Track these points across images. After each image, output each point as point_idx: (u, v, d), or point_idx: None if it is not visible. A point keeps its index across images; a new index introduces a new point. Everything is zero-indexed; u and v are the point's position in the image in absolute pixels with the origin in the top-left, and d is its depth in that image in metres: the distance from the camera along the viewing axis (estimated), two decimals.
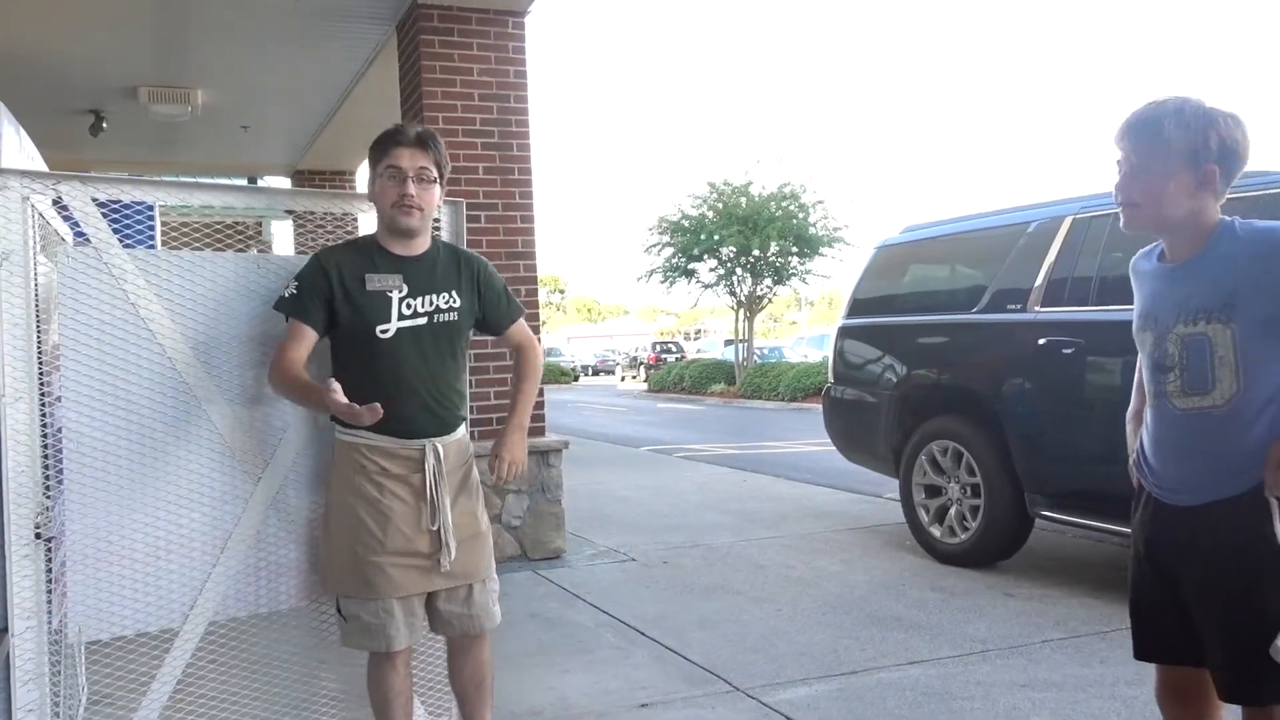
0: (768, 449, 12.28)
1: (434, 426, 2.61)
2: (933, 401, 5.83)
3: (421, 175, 2.59)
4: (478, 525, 2.70)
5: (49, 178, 2.54)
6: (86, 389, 2.54)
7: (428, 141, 2.61)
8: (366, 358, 2.57)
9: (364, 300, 2.55)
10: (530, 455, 5.80)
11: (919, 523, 5.80)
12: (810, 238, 22.80)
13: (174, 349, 2.63)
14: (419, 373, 2.58)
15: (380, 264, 2.61)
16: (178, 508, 2.64)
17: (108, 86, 7.59)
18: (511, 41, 5.96)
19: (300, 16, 6.15)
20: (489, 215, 5.84)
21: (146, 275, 2.61)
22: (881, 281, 6.60)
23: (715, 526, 6.82)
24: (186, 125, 8.46)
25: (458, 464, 2.66)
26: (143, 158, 10.11)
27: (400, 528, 2.56)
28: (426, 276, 2.63)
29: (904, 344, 6.11)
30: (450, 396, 2.66)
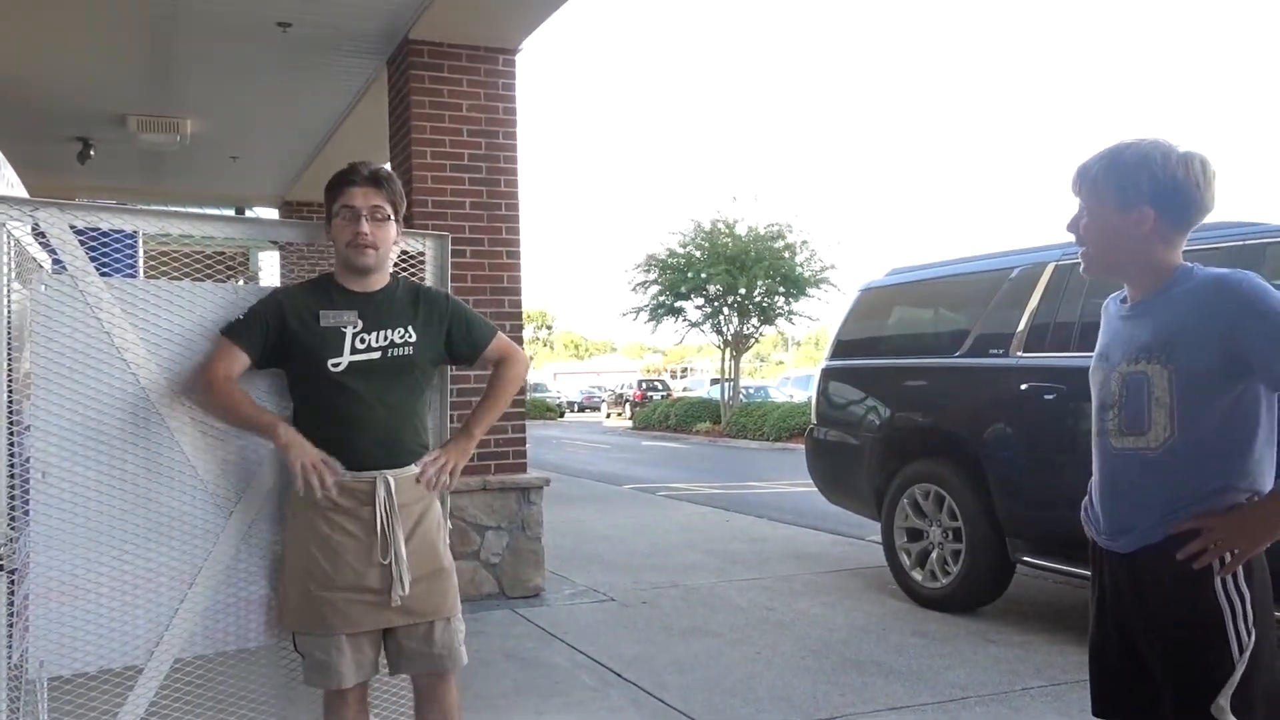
0: (751, 489, 12.24)
1: (386, 459, 2.58)
2: (915, 445, 5.82)
3: (375, 213, 2.60)
4: (438, 561, 2.64)
5: (26, 204, 2.52)
6: (56, 419, 2.50)
7: (381, 180, 2.63)
8: (319, 391, 2.57)
9: (317, 335, 2.56)
10: (510, 492, 5.76)
11: (900, 566, 5.76)
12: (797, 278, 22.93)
13: (148, 379, 2.60)
14: (370, 407, 2.56)
15: (337, 300, 2.62)
16: (147, 541, 2.60)
17: (96, 114, 7.59)
18: (501, 78, 6.00)
19: (291, 49, 6.17)
20: (474, 250, 5.84)
21: (123, 304, 2.58)
22: (866, 323, 6.61)
23: (696, 567, 6.76)
24: (175, 154, 8.47)
25: (413, 497, 2.62)
26: (131, 185, 10.10)
27: (350, 563, 2.52)
28: (382, 312, 2.63)
29: (887, 386, 6.11)
30: (404, 431, 2.63)
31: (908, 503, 5.73)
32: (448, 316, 2.74)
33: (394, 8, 5.55)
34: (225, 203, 11.10)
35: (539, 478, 5.95)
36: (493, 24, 5.72)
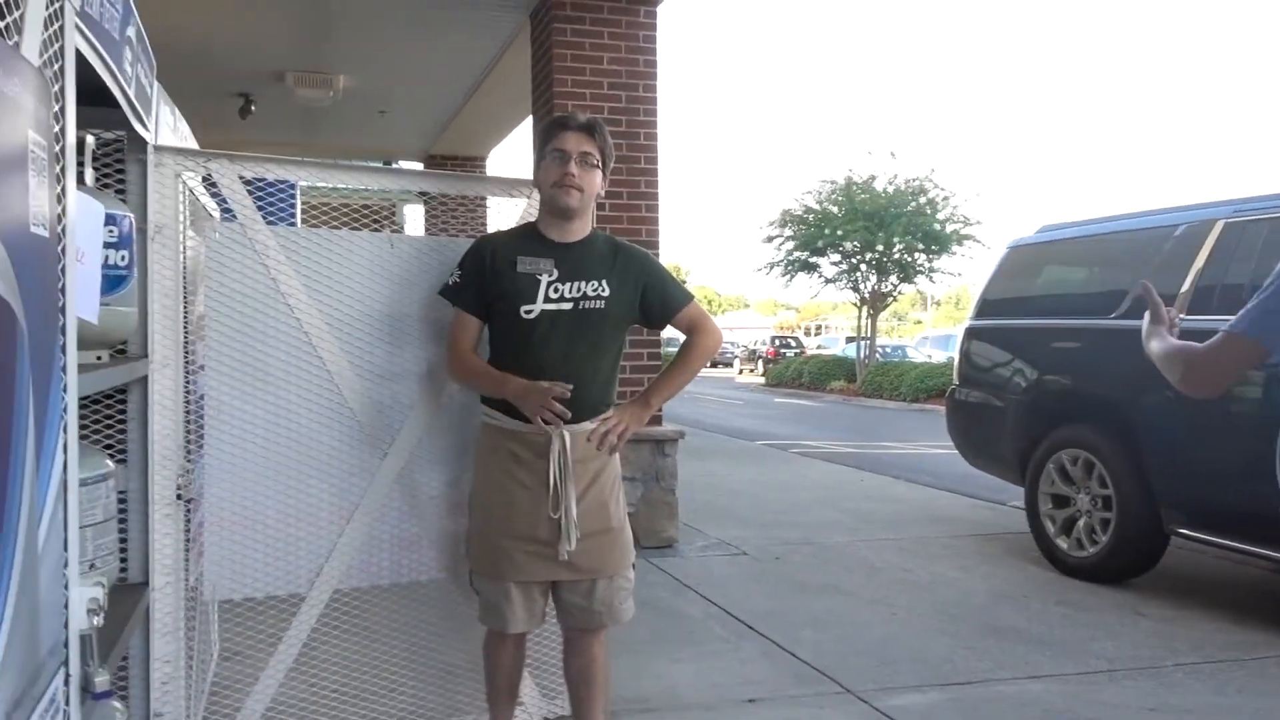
0: (886, 449, 12.03)
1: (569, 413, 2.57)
2: (1064, 408, 5.59)
3: (585, 159, 2.60)
4: (608, 520, 2.64)
5: (200, 155, 2.65)
6: (227, 359, 2.65)
7: (594, 128, 2.63)
8: (511, 337, 2.59)
9: (513, 281, 2.57)
10: (645, 444, 5.82)
11: (1044, 533, 5.57)
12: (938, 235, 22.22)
13: (310, 324, 2.71)
14: (556, 358, 2.55)
15: (535, 248, 2.62)
16: (308, 478, 2.73)
17: (256, 71, 7.93)
18: (642, 30, 5.96)
19: (438, 5, 6.28)
20: (614, 203, 5.86)
21: (287, 251, 2.70)
22: (1013, 282, 6.36)
23: (830, 525, 6.71)
24: (328, 109, 8.77)
25: (590, 454, 2.61)
26: (286, 139, 10.52)
27: (523, 512, 2.56)
28: (578, 263, 2.61)
29: (1035, 348, 5.88)
30: (588, 386, 2.60)
31: (1054, 468, 5.53)
32: (645, 275, 2.70)
33: None
34: (373, 156, 11.46)
35: (674, 431, 5.99)
36: None
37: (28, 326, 1.10)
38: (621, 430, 2.64)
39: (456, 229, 3.59)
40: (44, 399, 1.19)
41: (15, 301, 1.06)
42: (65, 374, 1.33)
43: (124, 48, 1.91)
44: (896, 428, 15.23)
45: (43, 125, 1.18)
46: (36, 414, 1.16)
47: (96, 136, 2.33)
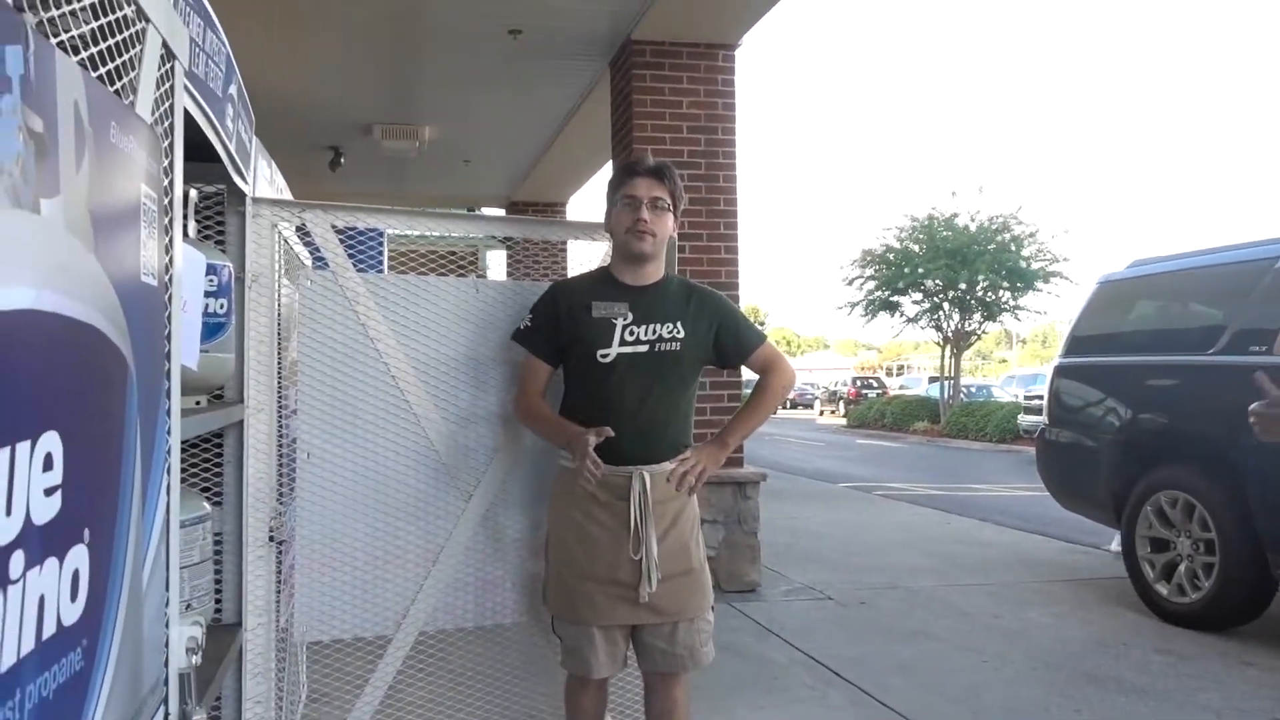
0: (973, 491, 11.74)
1: (644, 454, 2.58)
2: (1161, 448, 5.39)
3: (656, 204, 2.62)
4: (689, 561, 2.62)
5: (295, 206, 2.74)
6: (319, 404, 2.71)
7: (664, 173, 2.65)
8: (588, 381, 2.60)
9: (588, 326, 2.60)
10: (727, 486, 5.78)
11: (1143, 578, 5.36)
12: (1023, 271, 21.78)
13: (398, 368, 2.77)
14: (633, 400, 2.56)
15: (609, 292, 2.65)
16: (396, 520, 2.77)
17: (346, 124, 8.20)
18: (721, 74, 6.02)
19: (520, 57, 6.43)
20: (693, 245, 5.89)
21: (376, 298, 2.77)
22: (1104, 319, 6.19)
23: (916, 569, 6.55)
24: (414, 160, 9.01)
25: (669, 494, 2.60)
26: (374, 189, 10.84)
27: (603, 555, 2.55)
28: (652, 306, 2.63)
29: (1129, 385, 5.70)
30: (666, 426, 2.61)
31: (1152, 510, 5.33)
32: (719, 316, 2.72)
33: (617, 10, 5.68)
34: (457, 204, 11.73)
35: (755, 473, 5.94)
36: (713, 21, 5.75)
37: (137, 373, 1.15)
38: (700, 471, 2.62)
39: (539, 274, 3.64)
40: (150, 442, 1.24)
41: (126, 349, 1.10)
42: (169, 418, 1.38)
43: (226, 105, 2.00)
44: (983, 469, 14.87)
45: (154, 179, 1.24)
46: (143, 457, 1.20)
47: (199, 190, 2.43)
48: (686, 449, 2.66)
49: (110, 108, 1.05)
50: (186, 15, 1.56)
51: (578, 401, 2.63)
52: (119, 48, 1.11)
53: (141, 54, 1.21)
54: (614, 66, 6.36)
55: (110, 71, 1.08)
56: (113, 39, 1.08)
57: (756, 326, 2.85)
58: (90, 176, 0.98)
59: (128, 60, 1.15)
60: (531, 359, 2.69)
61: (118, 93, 1.13)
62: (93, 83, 0.99)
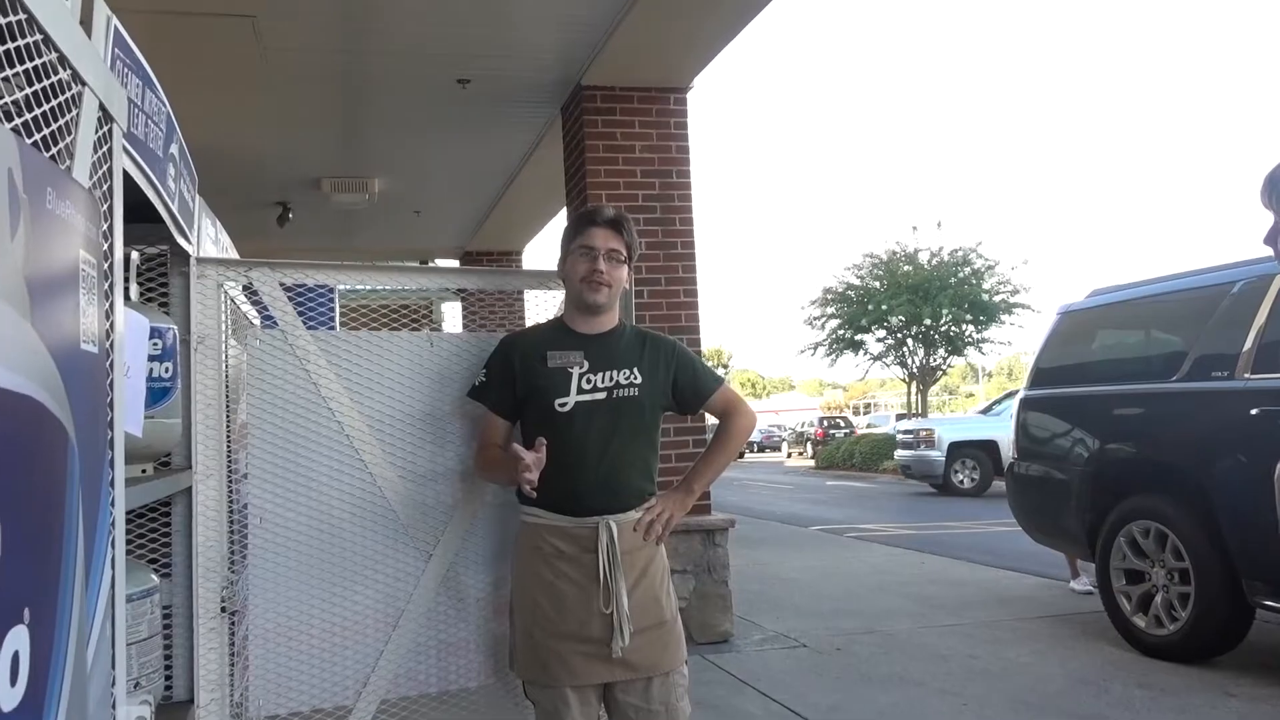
0: (946, 529, 11.81)
1: (609, 504, 2.57)
2: (1130, 478, 5.47)
3: (612, 255, 2.65)
4: (661, 613, 2.61)
5: (241, 265, 2.73)
6: (270, 466, 2.68)
7: (621, 224, 2.68)
8: (547, 432, 2.58)
9: (544, 376, 2.61)
10: (695, 534, 5.76)
11: (1120, 611, 5.41)
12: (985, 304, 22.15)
13: (352, 427, 2.75)
14: (596, 448, 2.56)
15: (563, 341, 2.66)
16: (353, 584, 2.74)
17: (293, 179, 8.20)
18: (673, 117, 6.11)
19: (470, 106, 6.49)
20: (652, 290, 5.93)
21: (328, 355, 2.75)
22: (1067, 349, 6.31)
23: (892, 612, 6.56)
24: (364, 212, 9.02)
25: (637, 544, 2.59)
26: (324, 244, 10.81)
27: (572, 610, 2.53)
28: (608, 353, 2.65)
29: (1095, 416, 5.79)
30: (630, 474, 2.61)
31: (1125, 541, 5.39)
32: (674, 361, 2.74)
33: (567, 57, 5.76)
34: (410, 257, 11.72)
35: (724, 519, 5.94)
36: (664, 65, 5.85)
37: (78, 443, 1.14)
38: (667, 518, 2.63)
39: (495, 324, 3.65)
40: (93, 515, 1.22)
41: (66, 419, 1.09)
42: (113, 489, 1.36)
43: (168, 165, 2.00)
44: (955, 506, 14.96)
45: (92, 244, 1.24)
46: (86, 530, 1.18)
47: (140, 251, 2.42)
48: (652, 497, 2.67)
49: (46, 174, 1.05)
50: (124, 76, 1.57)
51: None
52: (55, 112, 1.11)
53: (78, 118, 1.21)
54: (565, 112, 6.43)
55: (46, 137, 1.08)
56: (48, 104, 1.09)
57: (713, 370, 2.88)
58: (26, 245, 0.98)
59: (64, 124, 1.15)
60: (489, 415, 2.69)
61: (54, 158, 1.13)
62: (27, 149, 0.99)
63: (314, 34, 5.44)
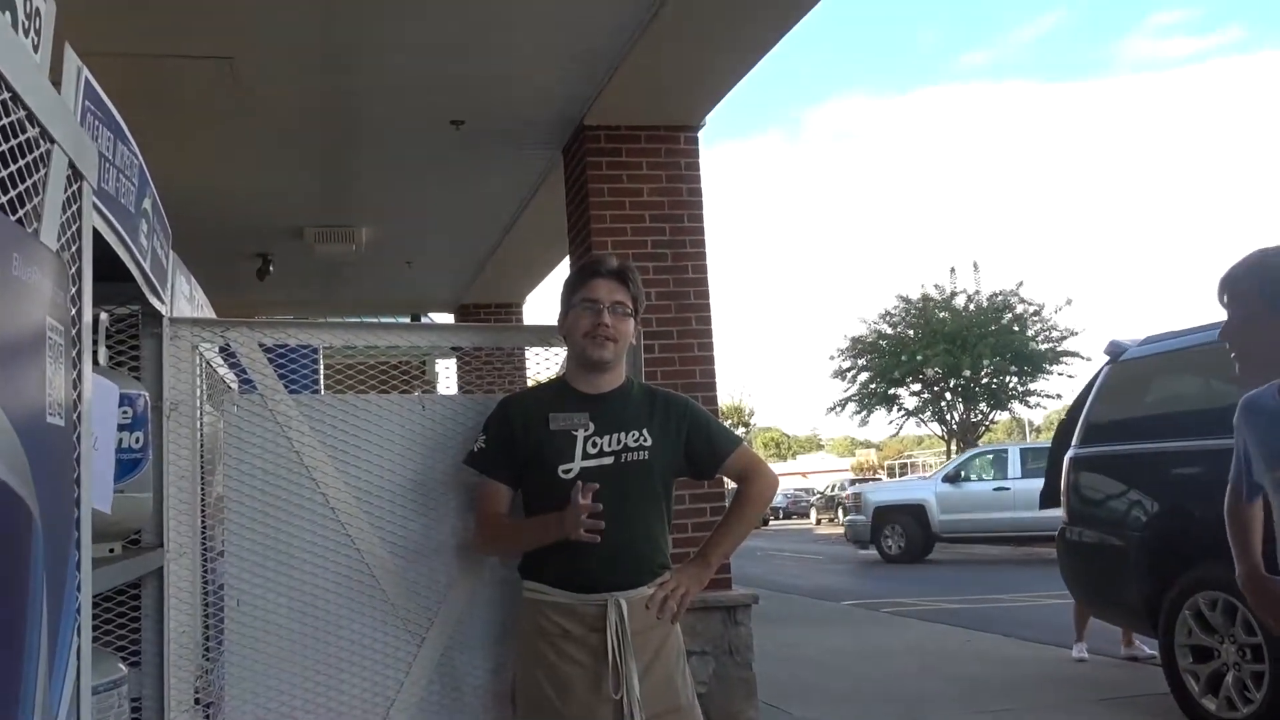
0: (994, 602, 11.69)
1: (618, 579, 2.58)
2: (1194, 544, 5.43)
3: (617, 308, 2.67)
4: (676, 698, 2.60)
5: (217, 325, 2.77)
6: (248, 543, 2.70)
7: (626, 275, 2.72)
8: (550, 501, 2.60)
9: (547, 440, 2.62)
10: (715, 612, 5.73)
11: (1187, 693, 5.34)
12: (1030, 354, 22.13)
13: (337, 498, 2.77)
14: (604, 517, 2.54)
15: (566, 402, 2.68)
16: (339, 671, 2.73)
17: (274, 229, 8.30)
18: (684, 158, 6.18)
19: (464, 149, 6.58)
20: (663, 344, 5.95)
21: (310, 421, 2.78)
22: (1119, 402, 6.30)
23: (935, 697, 6.48)
24: (351, 263, 9.11)
25: (650, 623, 2.59)
26: (307, 297, 10.91)
27: (578, 696, 2.52)
28: (615, 414, 2.67)
29: (1153, 475, 5.77)
30: (641, 546, 2.62)
31: (1190, 614, 5.34)
32: (687, 421, 2.75)
33: (567, 95, 5.85)
34: (401, 310, 11.80)
35: (746, 594, 5.91)
36: (672, 102, 5.94)
37: (42, 523, 1.16)
38: (683, 594, 2.62)
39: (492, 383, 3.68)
40: (58, 600, 1.24)
41: (30, 497, 1.12)
42: (79, 572, 1.38)
43: (140, 221, 2.05)
44: (1004, 577, 14.81)
45: (60, 310, 1.27)
46: (50, 617, 1.20)
47: (110, 312, 2.46)
48: (665, 570, 2.67)
49: (12, 239, 1.09)
50: (95, 130, 1.62)
51: None
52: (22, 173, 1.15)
53: (47, 177, 1.26)
54: (567, 154, 6.52)
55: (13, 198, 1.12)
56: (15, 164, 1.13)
57: (731, 430, 2.89)
58: None
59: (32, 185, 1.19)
60: (488, 483, 2.70)
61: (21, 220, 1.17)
62: None
63: (295, 76, 5.56)
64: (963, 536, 18.59)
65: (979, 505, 17.87)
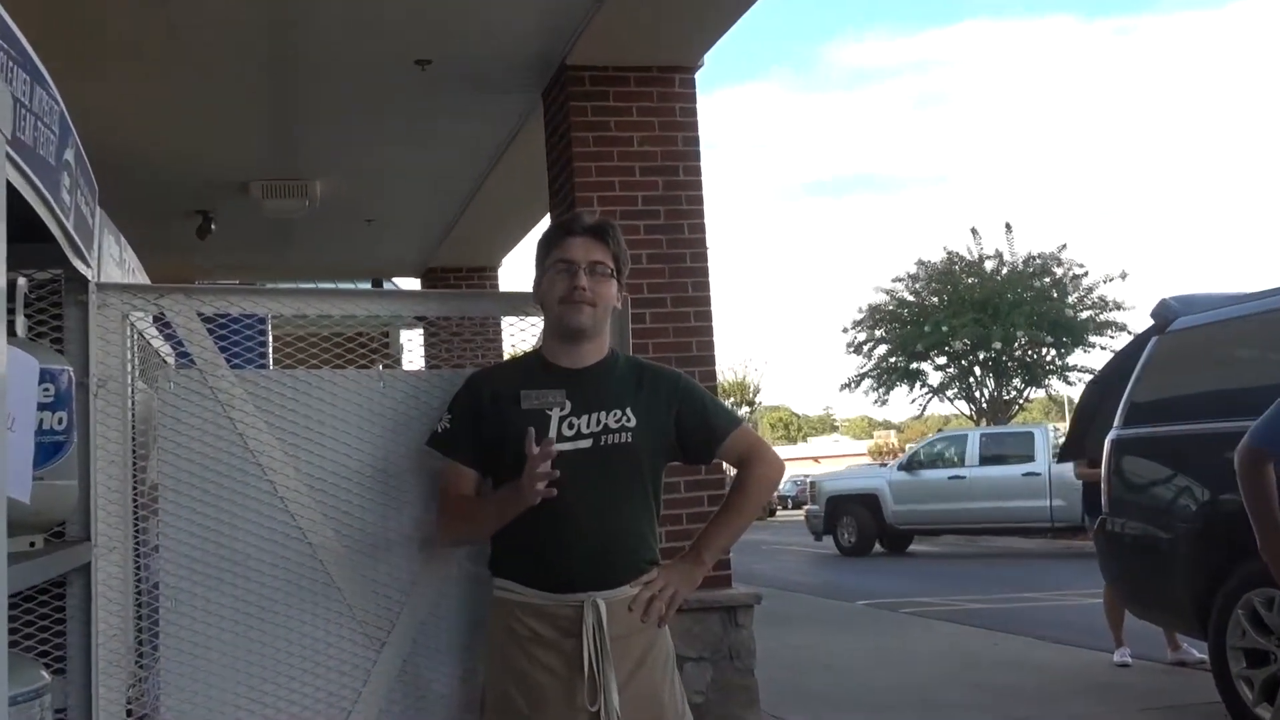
0: (1024, 601, 11.77)
1: (597, 578, 2.58)
2: (1249, 535, 5.46)
3: (595, 268, 2.66)
4: (661, 712, 2.61)
5: (151, 291, 2.77)
6: (186, 536, 2.70)
7: (605, 232, 2.71)
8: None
9: (516, 421, 2.61)
10: (713, 612, 5.76)
11: (1240, 700, 5.39)
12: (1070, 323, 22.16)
13: (286, 486, 2.77)
14: (582, 508, 2.56)
15: (540, 378, 2.68)
16: (288, 679, 2.74)
17: (217, 183, 8.27)
18: (679, 103, 6.16)
19: (430, 90, 6.55)
20: (655, 313, 5.96)
21: (257, 399, 2.78)
22: (1169, 378, 6.33)
23: (959, 706, 6.54)
24: (303, 222, 9.08)
25: (633, 627, 2.59)
26: (255, 261, 10.89)
27: (552, 708, 2.54)
28: (595, 391, 2.66)
29: (1206, 460, 5.78)
30: (624, 540, 2.62)
31: (1244, 614, 5.38)
32: (678, 398, 2.74)
33: (547, 31, 5.82)
34: (360, 275, 11.80)
35: (748, 593, 5.94)
36: (666, 38, 5.91)
37: None
38: (671, 595, 2.63)
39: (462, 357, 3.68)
40: None
41: None
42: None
43: (61, 174, 2.04)
44: (1035, 571, 14.92)
45: None
46: None
47: (29, 277, 2.45)
48: (653, 567, 2.67)
49: None
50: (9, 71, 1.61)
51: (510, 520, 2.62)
52: None
53: None
54: (547, 99, 6.50)
55: None
56: None
57: (730, 409, 2.89)
58: None
59: None
60: (453, 466, 2.71)
61: None
62: None
63: (237, 5, 5.50)
64: (916, 528, 18.97)
65: (933, 495, 18.26)
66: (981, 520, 17.81)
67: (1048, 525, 17.38)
